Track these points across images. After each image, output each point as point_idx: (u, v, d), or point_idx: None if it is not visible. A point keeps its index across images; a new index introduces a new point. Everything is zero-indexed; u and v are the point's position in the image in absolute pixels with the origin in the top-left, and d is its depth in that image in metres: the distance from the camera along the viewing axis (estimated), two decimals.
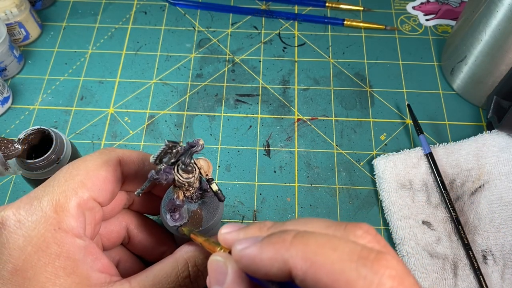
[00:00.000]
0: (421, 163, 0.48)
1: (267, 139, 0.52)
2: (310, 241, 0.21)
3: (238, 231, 0.25)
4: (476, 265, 0.42)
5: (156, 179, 0.29)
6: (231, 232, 0.25)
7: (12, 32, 0.57)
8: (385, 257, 0.20)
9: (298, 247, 0.21)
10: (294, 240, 0.21)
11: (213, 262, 0.25)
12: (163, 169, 0.29)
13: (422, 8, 0.64)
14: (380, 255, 0.20)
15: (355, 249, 0.20)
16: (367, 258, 0.20)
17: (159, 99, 0.55)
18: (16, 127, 0.53)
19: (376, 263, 0.19)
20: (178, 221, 0.32)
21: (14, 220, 0.27)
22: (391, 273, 0.19)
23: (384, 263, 0.19)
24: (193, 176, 0.30)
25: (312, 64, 0.58)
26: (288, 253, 0.21)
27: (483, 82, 0.51)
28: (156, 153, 0.28)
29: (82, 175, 0.29)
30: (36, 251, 0.26)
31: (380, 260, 0.19)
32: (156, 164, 0.29)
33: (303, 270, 0.20)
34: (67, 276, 0.27)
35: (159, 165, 0.29)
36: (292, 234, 0.21)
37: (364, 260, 0.19)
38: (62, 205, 0.28)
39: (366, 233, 0.22)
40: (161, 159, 0.28)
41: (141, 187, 0.30)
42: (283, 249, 0.21)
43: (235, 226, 0.26)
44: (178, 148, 0.28)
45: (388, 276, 0.19)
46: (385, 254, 0.20)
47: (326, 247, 0.20)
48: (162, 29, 0.61)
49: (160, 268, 0.30)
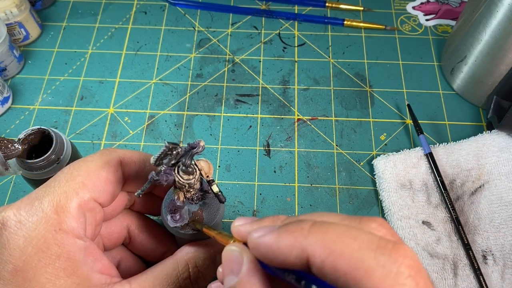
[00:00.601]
0: (421, 163, 0.48)
1: (267, 139, 0.52)
2: (328, 230, 0.21)
3: (252, 223, 0.25)
4: (476, 265, 0.42)
5: (157, 181, 0.29)
6: (245, 224, 0.25)
7: (12, 32, 0.57)
8: (403, 247, 0.20)
9: (316, 235, 0.21)
10: (312, 228, 0.21)
11: (228, 252, 0.25)
12: (163, 170, 0.29)
13: (422, 8, 0.64)
14: (398, 245, 0.20)
15: (373, 239, 0.20)
16: (385, 247, 0.20)
17: (159, 99, 0.55)
18: (16, 127, 0.53)
19: (394, 252, 0.20)
20: (178, 222, 0.32)
21: (15, 221, 0.27)
22: (409, 263, 0.20)
23: (403, 252, 0.20)
24: (194, 177, 0.30)
25: (312, 64, 0.58)
26: (306, 240, 0.21)
27: (483, 82, 0.51)
28: (156, 155, 0.28)
29: (83, 175, 0.29)
30: (36, 252, 0.26)
31: (398, 250, 0.20)
32: (157, 165, 0.29)
33: (321, 258, 0.20)
34: (67, 277, 0.27)
35: (160, 166, 0.29)
36: (309, 223, 0.22)
37: (382, 249, 0.20)
38: (63, 206, 0.28)
39: (381, 226, 0.22)
40: (161, 161, 0.28)
41: (141, 188, 0.30)
42: (301, 237, 0.21)
43: (248, 219, 0.26)
44: (178, 150, 0.28)
45: (407, 265, 0.19)
46: (402, 244, 0.20)
47: (345, 236, 0.20)
48: (162, 29, 0.61)
49: (161, 269, 0.30)
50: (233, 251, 0.25)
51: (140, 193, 0.30)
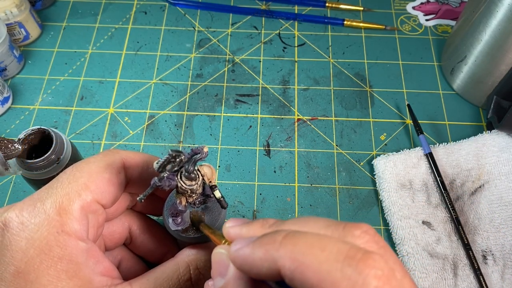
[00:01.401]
0: (421, 163, 0.48)
1: (267, 139, 0.52)
2: (299, 241, 0.21)
3: (241, 226, 0.26)
4: (476, 265, 0.42)
5: (159, 186, 0.29)
6: (235, 226, 0.26)
7: (12, 32, 0.57)
8: (371, 257, 0.20)
9: (287, 247, 0.21)
10: (283, 240, 0.21)
11: (217, 255, 0.26)
12: (166, 176, 0.29)
13: (422, 8, 0.64)
14: (367, 255, 0.20)
15: (343, 249, 0.20)
16: (353, 258, 0.20)
17: (159, 99, 0.55)
18: (16, 127, 0.53)
19: (361, 263, 0.19)
20: (180, 226, 0.32)
21: (17, 222, 0.27)
22: (377, 273, 0.19)
23: (370, 262, 0.19)
24: (196, 183, 0.30)
25: (312, 64, 0.58)
26: (277, 253, 0.21)
27: (483, 82, 0.51)
28: (160, 162, 0.28)
29: (85, 177, 0.29)
30: (38, 253, 0.26)
31: (366, 260, 0.19)
32: (160, 171, 0.29)
33: (291, 270, 0.20)
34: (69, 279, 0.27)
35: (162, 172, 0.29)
36: (282, 234, 0.22)
37: (350, 260, 0.20)
38: (66, 208, 0.28)
39: (365, 233, 0.22)
40: (165, 167, 0.28)
41: (144, 193, 0.30)
42: (273, 249, 0.21)
43: (239, 220, 0.26)
44: (182, 157, 0.28)
45: (373, 276, 0.19)
46: (373, 253, 0.20)
47: (315, 247, 0.20)
48: (162, 29, 0.61)
49: (162, 271, 0.30)
50: (221, 254, 0.25)
51: (142, 198, 0.30)
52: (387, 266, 0.20)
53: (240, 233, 0.25)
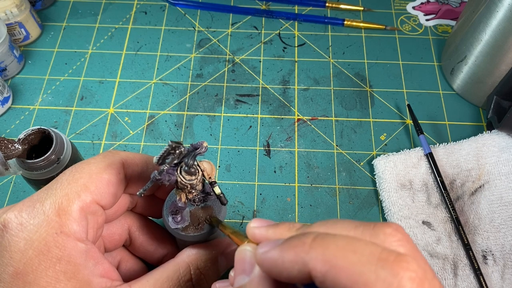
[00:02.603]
0: (421, 163, 0.48)
1: (267, 139, 0.52)
2: (330, 243, 0.21)
3: (267, 228, 0.25)
4: (476, 265, 0.42)
5: (159, 180, 0.29)
6: (260, 227, 0.25)
7: (12, 32, 0.57)
8: (405, 259, 0.20)
9: (317, 250, 0.21)
10: (313, 243, 0.21)
11: (242, 252, 0.25)
12: (166, 170, 0.29)
13: (422, 8, 0.64)
14: (400, 257, 0.20)
15: (375, 251, 0.20)
16: (387, 260, 0.19)
17: (159, 99, 0.55)
18: (16, 127, 0.53)
19: (395, 265, 0.19)
20: (180, 224, 0.32)
21: (16, 223, 0.27)
22: (411, 275, 0.19)
23: (404, 265, 0.19)
24: (196, 178, 0.30)
25: (312, 64, 0.58)
26: (308, 256, 0.21)
27: (483, 82, 0.51)
28: (159, 154, 0.28)
29: (85, 178, 0.29)
30: (37, 254, 0.26)
31: (400, 262, 0.19)
32: (159, 164, 0.28)
33: (322, 272, 0.20)
34: (67, 280, 0.27)
35: (162, 165, 0.29)
36: (311, 237, 0.22)
37: (383, 262, 0.19)
38: (65, 209, 0.28)
39: (396, 231, 0.22)
40: (164, 160, 0.28)
41: (143, 188, 0.30)
42: (303, 252, 0.21)
43: (264, 221, 0.26)
44: (182, 149, 0.28)
45: (408, 279, 0.19)
46: (406, 256, 0.20)
47: (346, 250, 0.20)
48: (162, 29, 0.61)
49: (162, 272, 0.30)
50: (246, 251, 0.25)
51: (142, 192, 0.30)
52: (420, 268, 0.20)
53: (266, 234, 0.25)
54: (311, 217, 0.47)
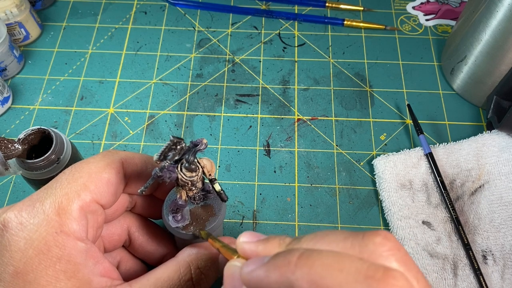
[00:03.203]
0: (421, 163, 0.48)
1: (267, 139, 0.52)
2: (315, 262, 0.20)
3: (257, 244, 0.25)
4: (476, 265, 0.42)
5: (160, 177, 0.29)
6: (250, 243, 0.25)
7: (12, 32, 0.57)
8: (392, 275, 0.19)
9: (302, 269, 0.20)
10: (299, 261, 0.21)
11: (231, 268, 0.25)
12: (166, 166, 0.29)
13: (422, 8, 0.64)
14: (387, 273, 0.19)
15: (361, 268, 0.20)
16: (373, 277, 0.19)
17: (159, 99, 0.55)
18: (16, 127, 0.53)
19: (382, 282, 0.19)
20: (180, 223, 0.32)
21: (16, 223, 0.27)
22: None
23: (391, 281, 0.19)
24: (197, 175, 0.30)
25: (312, 64, 0.58)
26: (293, 276, 0.20)
27: (483, 82, 0.51)
28: (161, 150, 0.28)
29: (85, 177, 0.29)
30: (37, 254, 0.26)
31: (387, 279, 0.19)
32: (160, 160, 0.28)
33: None
34: (67, 279, 0.27)
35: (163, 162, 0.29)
36: (297, 254, 0.21)
37: (370, 279, 0.19)
38: (65, 208, 0.28)
39: (385, 239, 0.21)
40: (165, 156, 0.28)
41: (145, 185, 0.30)
42: (288, 272, 0.21)
43: (254, 235, 0.25)
44: (183, 145, 0.28)
45: None
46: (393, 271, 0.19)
47: (332, 268, 0.20)
48: (162, 29, 0.61)
49: (162, 272, 0.30)
50: (236, 267, 0.24)
51: (143, 190, 0.30)
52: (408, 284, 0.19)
53: (256, 250, 0.24)
54: (311, 217, 0.47)
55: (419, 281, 0.20)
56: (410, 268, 0.21)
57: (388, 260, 0.21)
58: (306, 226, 0.47)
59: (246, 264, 0.23)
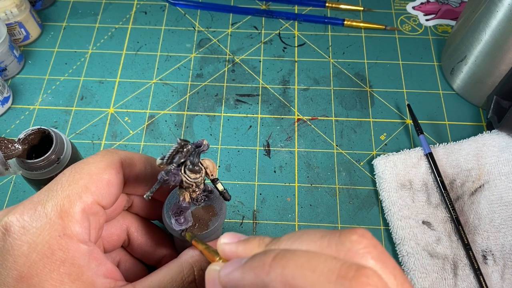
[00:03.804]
0: (421, 163, 0.48)
1: (267, 139, 0.52)
2: (289, 262, 0.20)
3: (237, 244, 0.25)
4: (476, 265, 0.42)
5: (166, 181, 0.28)
6: (230, 244, 0.25)
7: (12, 32, 0.57)
8: (365, 273, 0.19)
9: (276, 270, 0.20)
10: (273, 262, 0.21)
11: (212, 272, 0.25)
12: (172, 170, 0.29)
13: (422, 8, 0.64)
14: (360, 271, 0.19)
15: (334, 267, 0.19)
16: (346, 276, 0.19)
17: (159, 99, 0.55)
18: (16, 127, 0.53)
19: (354, 281, 0.19)
20: (183, 225, 0.32)
21: (19, 226, 0.27)
22: None
23: (364, 280, 0.19)
24: (200, 176, 0.30)
25: (312, 64, 0.58)
26: (267, 277, 0.20)
27: (483, 82, 0.51)
28: (168, 153, 0.28)
29: (85, 179, 0.29)
30: (41, 258, 0.26)
31: (359, 277, 0.19)
32: (167, 164, 0.28)
33: None
34: (72, 282, 0.26)
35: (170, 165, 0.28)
36: (272, 255, 0.21)
37: (342, 279, 0.19)
38: (67, 211, 0.27)
39: (362, 237, 0.21)
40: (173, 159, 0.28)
41: (151, 190, 0.30)
42: (263, 273, 0.21)
43: (235, 236, 0.25)
44: (189, 147, 0.28)
45: None
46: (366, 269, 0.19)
47: (305, 268, 0.20)
48: (162, 29, 0.61)
49: (165, 272, 0.30)
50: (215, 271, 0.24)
51: (150, 194, 0.30)
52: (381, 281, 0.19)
53: (236, 251, 0.24)
54: (311, 217, 0.47)
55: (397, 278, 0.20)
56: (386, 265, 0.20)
57: (364, 258, 0.21)
58: (306, 226, 0.47)
59: (224, 266, 0.23)
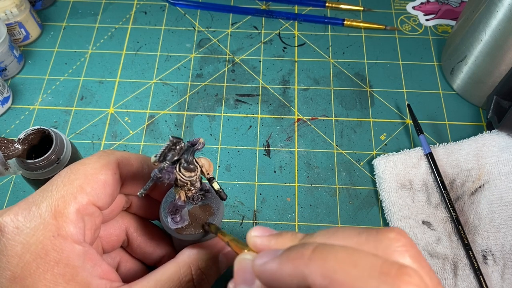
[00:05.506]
0: (421, 163, 0.48)
1: (267, 139, 0.52)
2: (329, 256, 0.20)
3: (270, 238, 0.24)
4: (476, 265, 0.42)
5: (159, 178, 0.28)
6: (262, 237, 0.25)
7: (12, 32, 0.57)
8: (407, 272, 0.19)
9: (316, 262, 0.20)
10: (312, 255, 0.20)
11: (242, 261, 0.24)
12: (165, 167, 0.28)
13: (422, 8, 0.64)
14: (402, 270, 0.19)
15: (376, 264, 0.19)
16: (388, 274, 0.19)
17: (159, 99, 0.55)
18: (16, 127, 0.53)
19: (397, 279, 0.19)
20: (179, 224, 0.32)
21: (13, 227, 0.27)
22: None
23: (406, 278, 0.19)
24: (195, 174, 0.30)
25: (312, 64, 0.58)
26: (307, 269, 0.20)
27: (483, 82, 0.51)
28: (160, 150, 0.28)
29: (81, 179, 0.29)
30: (34, 258, 0.26)
31: (401, 276, 0.19)
32: (160, 161, 0.28)
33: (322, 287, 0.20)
34: (66, 283, 0.26)
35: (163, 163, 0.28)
36: (311, 248, 0.21)
37: (385, 276, 0.19)
38: (61, 211, 0.27)
39: (399, 235, 0.21)
40: (165, 156, 0.28)
41: (144, 187, 0.30)
42: (302, 265, 0.20)
43: (266, 230, 0.25)
44: (182, 145, 0.28)
45: None
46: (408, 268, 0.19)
47: (346, 263, 0.20)
48: (162, 29, 0.61)
49: (162, 273, 0.30)
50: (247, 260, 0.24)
51: (143, 192, 0.30)
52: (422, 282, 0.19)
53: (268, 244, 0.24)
54: (311, 217, 0.47)
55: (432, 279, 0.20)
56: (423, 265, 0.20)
57: (402, 256, 0.21)
58: (306, 226, 0.47)
59: (259, 256, 0.23)
